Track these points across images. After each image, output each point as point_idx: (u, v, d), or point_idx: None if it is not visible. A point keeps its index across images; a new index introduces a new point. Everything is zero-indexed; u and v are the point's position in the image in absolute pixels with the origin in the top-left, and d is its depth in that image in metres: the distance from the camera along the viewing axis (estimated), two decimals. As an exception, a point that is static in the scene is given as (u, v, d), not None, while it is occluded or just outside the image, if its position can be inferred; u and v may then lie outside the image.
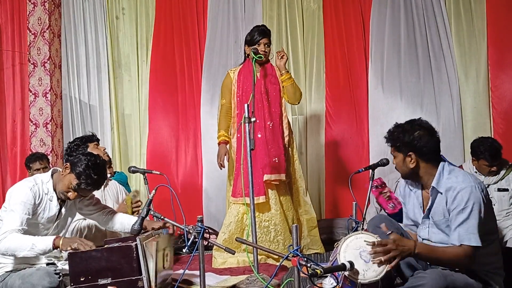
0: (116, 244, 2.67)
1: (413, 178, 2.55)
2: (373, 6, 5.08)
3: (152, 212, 2.81)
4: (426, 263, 2.52)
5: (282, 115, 3.97)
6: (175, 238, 4.42)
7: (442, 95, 4.94)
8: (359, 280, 2.25)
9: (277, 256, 3.62)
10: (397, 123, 2.56)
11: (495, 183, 3.83)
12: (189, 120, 5.38)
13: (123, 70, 5.52)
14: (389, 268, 2.25)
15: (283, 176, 3.86)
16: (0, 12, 5.46)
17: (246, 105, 3.33)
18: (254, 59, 3.75)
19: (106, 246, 2.68)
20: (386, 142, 2.56)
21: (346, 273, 2.26)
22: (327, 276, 2.56)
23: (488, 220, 2.36)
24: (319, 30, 5.17)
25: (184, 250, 2.56)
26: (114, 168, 4.63)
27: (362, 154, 5.07)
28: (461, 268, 2.36)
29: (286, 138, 3.98)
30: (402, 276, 2.57)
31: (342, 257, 2.29)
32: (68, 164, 2.77)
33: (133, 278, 2.55)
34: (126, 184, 4.59)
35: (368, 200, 3.59)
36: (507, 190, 3.80)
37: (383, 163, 3.60)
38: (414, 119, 2.56)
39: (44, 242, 2.64)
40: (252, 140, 3.25)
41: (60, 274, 2.69)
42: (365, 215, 3.57)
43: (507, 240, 3.66)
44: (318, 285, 2.46)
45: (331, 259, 2.47)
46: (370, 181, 3.42)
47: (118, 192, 3.82)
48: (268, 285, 2.86)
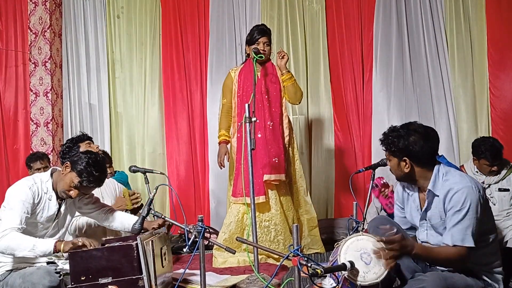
0: (117, 244, 2.67)
1: (408, 181, 2.56)
2: (376, 7, 5.06)
3: (152, 212, 2.81)
4: (425, 265, 2.53)
5: (283, 114, 3.97)
6: (171, 236, 4.41)
7: (440, 96, 4.94)
8: (359, 282, 2.25)
9: (277, 256, 3.62)
10: (392, 127, 2.56)
11: (496, 183, 3.82)
12: (195, 120, 5.36)
13: (123, 69, 5.51)
14: (387, 267, 2.25)
15: (283, 176, 3.85)
16: (1, 12, 5.47)
17: (246, 105, 3.32)
18: (255, 58, 3.75)
19: (106, 246, 2.69)
20: (381, 144, 2.57)
21: (346, 274, 2.26)
22: (327, 276, 2.56)
23: (485, 220, 2.36)
24: (321, 31, 5.16)
25: (184, 250, 2.56)
26: (114, 168, 4.62)
27: (365, 154, 5.07)
28: (455, 267, 2.37)
29: (287, 138, 3.97)
30: (401, 278, 2.56)
31: (343, 258, 2.29)
32: (68, 163, 2.78)
33: (133, 277, 2.56)
34: (126, 183, 4.58)
35: (368, 200, 3.60)
36: (508, 190, 3.80)
37: (384, 163, 3.60)
38: (409, 122, 2.55)
39: (46, 244, 2.63)
40: (252, 140, 3.25)
41: (61, 273, 2.69)
42: (365, 215, 3.57)
43: (507, 241, 3.66)
44: (318, 284, 2.46)
45: (331, 259, 2.47)
46: (371, 181, 3.42)
47: (116, 190, 3.82)
48: (269, 284, 2.86)
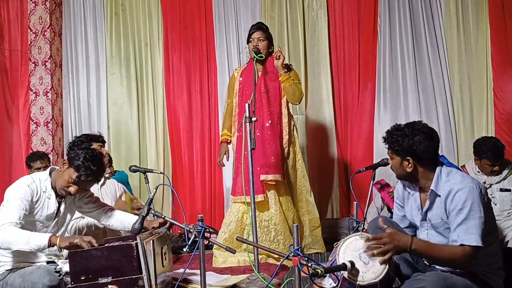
0: (117, 243, 2.67)
1: (409, 180, 2.54)
2: (379, 9, 5.04)
3: (152, 211, 2.81)
4: (425, 265, 2.52)
5: (282, 114, 3.93)
6: (172, 236, 4.41)
7: (442, 98, 4.93)
8: (358, 282, 2.24)
9: (277, 256, 3.62)
10: (396, 125, 2.54)
11: (497, 183, 3.82)
12: (204, 120, 5.35)
13: (123, 68, 5.50)
14: (381, 261, 2.24)
15: (279, 176, 3.83)
16: (1, 11, 5.47)
17: (247, 104, 3.32)
18: (255, 58, 3.75)
19: (106, 245, 2.68)
20: (384, 142, 2.56)
21: (346, 274, 2.25)
22: (326, 276, 2.55)
23: (487, 221, 2.34)
24: (322, 31, 5.14)
25: (184, 249, 2.56)
26: (114, 167, 4.61)
27: (368, 154, 5.06)
28: (458, 267, 2.35)
29: (286, 138, 3.94)
30: (401, 278, 2.56)
31: (342, 258, 2.28)
32: (65, 160, 2.79)
33: (133, 277, 2.55)
34: (126, 183, 4.58)
35: (368, 199, 3.60)
36: (509, 190, 3.80)
37: (384, 163, 3.60)
38: (414, 122, 2.53)
39: (40, 237, 2.63)
40: (253, 139, 3.24)
41: (61, 273, 2.69)
42: (366, 215, 3.57)
43: (508, 241, 3.65)
44: (318, 284, 2.46)
45: (330, 259, 2.46)
46: (372, 181, 3.42)
47: (116, 191, 3.82)
48: (269, 284, 2.85)
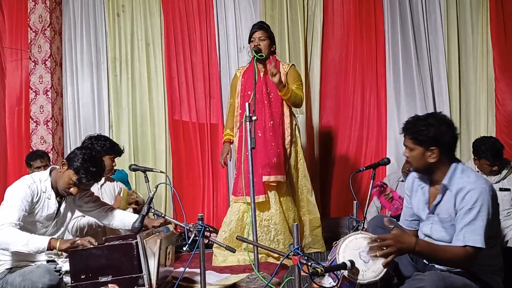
0: (117, 242, 2.67)
1: (426, 172, 2.49)
2: (380, 8, 5.05)
3: (152, 211, 2.81)
4: (424, 264, 2.52)
5: (284, 114, 3.93)
6: (175, 235, 4.40)
7: (443, 99, 4.94)
8: (358, 280, 2.24)
9: (277, 255, 3.62)
10: (416, 116, 2.50)
11: (496, 182, 3.82)
12: (206, 119, 5.33)
13: (123, 67, 5.50)
14: (384, 263, 2.24)
15: (282, 177, 3.83)
16: (1, 9, 5.46)
17: (247, 103, 3.32)
18: (255, 57, 3.74)
19: (106, 244, 2.68)
20: (404, 133, 2.48)
21: (346, 273, 2.25)
22: (326, 275, 2.55)
23: (494, 224, 2.34)
24: (322, 31, 5.13)
25: (184, 248, 2.56)
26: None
27: (365, 153, 5.06)
28: (459, 268, 2.35)
29: (288, 138, 3.94)
30: (400, 277, 2.56)
31: (341, 257, 2.28)
32: (65, 161, 2.78)
33: (133, 275, 2.55)
34: (126, 182, 4.58)
35: (369, 199, 3.60)
36: (508, 190, 3.81)
37: (384, 162, 3.60)
38: (434, 112, 2.51)
39: (40, 240, 2.62)
40: (253, 139, 3.24)
41: (61, 272, 2.69)
42: (366, 214, 3.57)
43: (507, 240, 3.66)
44: (317, 283, 2.45)
45: (330, 258, 2.47)
46: (371, 180, 3.42)
47: (116, 190, 3.81)
48: (269, 283, 2.86)
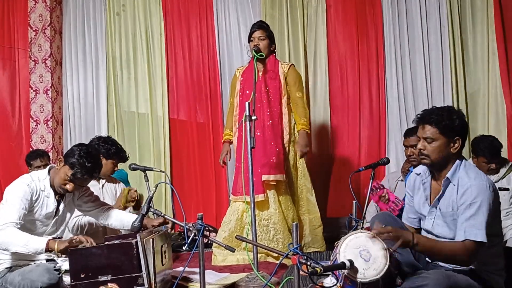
0: (117, 241, 2.67)
1: (440, 167, 2.46)
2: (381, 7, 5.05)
3: (152, 210, 2.81)
4: (427, 262, 2.52)
5: (282, 113, 3.94)
6: (172, 234, 4.40)
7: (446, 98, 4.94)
8: (359, 279, 2.24)
9: (276, 255, 3.62)
10: (435, 107, 2.48)
11: (495, 182, 3.82)
12: (207, 118, 5.33)
13: (123, 66, 5.50)
14: (394, 248, 2.25)
15: (282, 176, 3.84)
16: (1, 8, 5.46)
17: (247, 103, 3.32)
18: (255, 57, 3.75)
19: (106, 243, 2.68)
20: (426, 123, 2.43)
21: (346, 272, 2.26)
22: (328, 275, 2.56)
23: (494, 222, 2.34)
24: (322, 30, 5.13)
25: (184, 248, 2.56)
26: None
27: (365, 153, 5.06)
28: (458, 263, 2.36)
29: (287, 137, 3.95)
30: (402, 275, 2.56)
31: (342, 256, 2.29)
32: (62, 158, 2.81)
33: (133, 275, 2.55)
34: (126, 181, 4.58)
35: (368, 198, 3.60)
36: (507, 189, 3.80)
37: (383, 162, 3.60)
38: (450, 106, 2.51)
39: (38, 241, 2.63)
40: (252, 138, 3.24)
41: (60, 271, 2.69)
42: (365, 213, 3.57)
43: (507, 240, 3.66)
44: (319, 284, 2.46)
45: (332, 258, 2.47)
46: (371, 180, 3.42)
47: (116, 189, 3.82)
48: (268, 283, 2.86)
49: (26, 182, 2.77)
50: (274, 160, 3.81)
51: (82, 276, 2.54)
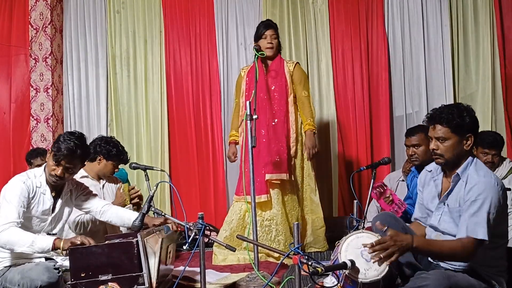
0: (117, 240, 2.66)
1: (453, 165, 2.44)
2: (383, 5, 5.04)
3: (153, 209, 2.80)
4: (428, 262, 2.52)
5: (289, 112, 3.92)
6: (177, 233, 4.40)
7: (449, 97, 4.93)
8: (360, 279, 2.23)
9: (277, 255, 3.62)
10: (444, 105, 2.46)
11: (496, 182, 3.81)
12: (206, 117, 5.32)
13: (123, 65, 5.49)
14: (388, 263, 2.23)
15: (285, 175, 3.82)
16: (2, 7, 5.45)
17: (248, 102, 3.31)
18: (256, 56, 3.73)
19: (107, 242, 2.68)
20: (436, 123, 2.41)
21: (347, 272, 2.25)
22: (329, 275, 2.55)
23: (500, 223, 2.33)
24: (324, 28, 5.12)
25: (184, 247, 2.55)
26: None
27: (366, 153, 5.05)
28: (459, 261, 2.35)
29: (293, 136, 3.92)
30: (403, 276, 2.56)
31: (343, 256, 2.28)
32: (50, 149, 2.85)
33: (133, 274, 2.55)
34: (126, 181, 4.57)
35: (369, 198, 3.59)
36: (509, 189, 3.79)
37: (385, 161, 3.59)
38: (459, 103, 2.48)
39: (45, 241, 2.64)
40: (253, 137, 3.23)
41: (60, 269, 2.69)
42: (366, 214, 3.56)
43: (508, 240, 3.64)
44: (320, 283, 2.45)
45: (333, 258, 2.46)
46: (372, 179, 3.42)
47: (116, 189, 3.81)
48: (269, 283, 2.85)
49: (22, 180, 2.78)
50: (278, 159, 3.79)
51: (82, 275, 2.53)
